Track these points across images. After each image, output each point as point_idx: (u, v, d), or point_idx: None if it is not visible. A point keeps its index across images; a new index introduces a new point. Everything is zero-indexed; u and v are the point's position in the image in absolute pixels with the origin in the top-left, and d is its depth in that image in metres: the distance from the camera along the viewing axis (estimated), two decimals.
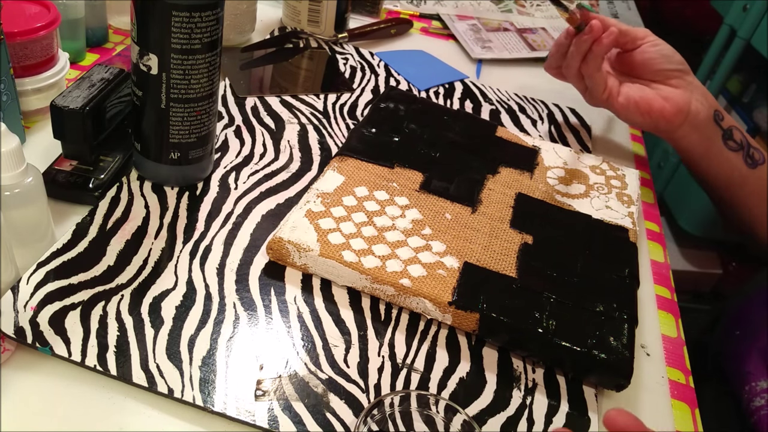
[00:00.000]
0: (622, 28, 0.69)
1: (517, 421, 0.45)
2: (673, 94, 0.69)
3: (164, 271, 0.49)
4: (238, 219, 0.56)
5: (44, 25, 0.59)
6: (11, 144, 0.42)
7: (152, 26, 0.49)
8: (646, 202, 0.73)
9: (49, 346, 0.42)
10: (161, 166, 0.56)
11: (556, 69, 0.74)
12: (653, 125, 0.70)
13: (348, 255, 0.51)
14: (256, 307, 0.48)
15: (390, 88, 0.76)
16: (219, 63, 0.53)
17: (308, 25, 0.89)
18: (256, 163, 0.63)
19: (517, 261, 0.54)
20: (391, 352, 0.48)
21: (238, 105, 0.71)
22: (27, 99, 0.61)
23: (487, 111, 0.80)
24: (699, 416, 0.50)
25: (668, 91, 0.69)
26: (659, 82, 0.70)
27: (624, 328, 0.50)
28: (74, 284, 0.47)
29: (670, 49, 0.70)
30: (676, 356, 0.54)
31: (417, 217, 0.56)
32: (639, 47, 0.70)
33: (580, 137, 0.79)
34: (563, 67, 0.73)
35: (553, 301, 0.51)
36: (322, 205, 0.55)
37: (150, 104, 0.52)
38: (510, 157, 0.67)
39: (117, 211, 0.54)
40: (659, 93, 0.69)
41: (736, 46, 1.37)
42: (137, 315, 0.46)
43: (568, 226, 0.60)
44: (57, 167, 0.55)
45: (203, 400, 0.41)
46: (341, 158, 0.61)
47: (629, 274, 0.56)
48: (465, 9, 1.05)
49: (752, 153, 0.69)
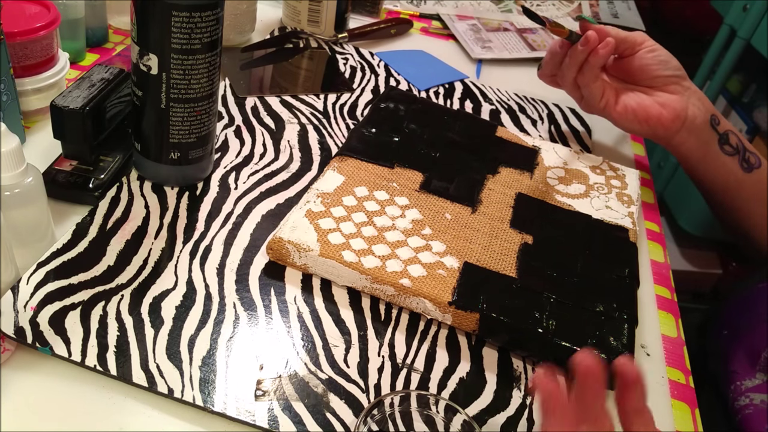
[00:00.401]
0: (620, 35, 0.68)
1: (517, 421, 0.45)
2: (670, 101, 0.69)
3: (164, 271, 0.49)
4: (238, 219, 0.56)
5: (44, 25, 0.59)
6: (11, 144, 0.42)
7: (152, 26, 0.49)
8: (646, 202, 0.73)
9: (49, 346, 0.42)
10: (161, 166, 0.56)
11: (550, 77, 0.74)
12: (651, 132, 0.70)
13: (348, 255, 0.51)
14: (256, 307, 0.48)
15: (390, 88, 0.76)
16: (219, 63, 0.53)
17: (308, 25, 0.89)
18: (256, 163, 0.63)
19: (517, 261, 0.54)
20: (391, 352, 0.48)
21: (238, 105, 0.71)
22: (27, 99, 0.61)
23: (487, 111, 0.80)
24: (699, 416, 0.50)
25: (665, 97, 0.69)
26: (656, 88, 0.70)
27: (624, 328, 0.50)
28: (74, 284, 0.47)
29: (667, 54, 0.70)
30: (676, 356, 0.54)
31: (417, 217, 0.56)
32: (636, 53, 0.69)
33: (580, 137, 0.79)
34: (558, 76, 0.73)
35: (553, 301, 0.51)
36: (322, 205, 0.55)
37: (150, 104, 0.52)
38: (510, 157, 0.67)
39: (117, 211, 0.54)
40: (656, 99, 0.69)
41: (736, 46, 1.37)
42: (137, 315, 0.46)
43: (568, 226, 0.60)
44: (57, 167, 0.55)
45: (203, 400, 0.41)
46: (341, 158, 0.61)
47: (629, 274, 0.56)
48: (465, 9, 1.05)
49: (748, 157, 0.70)
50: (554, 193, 0.64)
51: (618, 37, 0.68)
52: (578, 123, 0.82)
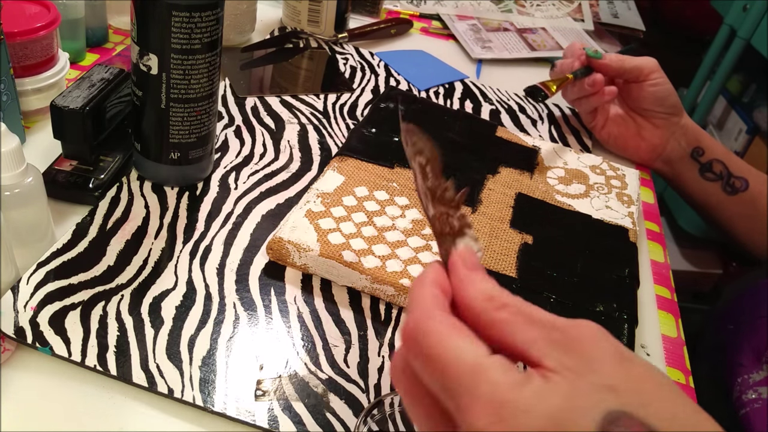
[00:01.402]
0: (630, 64, 0.73)
1: None
2: (650, 135, 0.75)
3: (164, 271, 0.49)
4: (238, 219, 0.56)
5: (44, 25, 0.59)
6: (11, 144, 0.42)
7: (152, 26, 0.49)
8: (646, 202, 0.73)
9: (49, 346, 0.42)
10: (161, 166, 0.56)
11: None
12: (629, 158, 0.78)
13: (348, 255, 0.51)
14: (256, 307, 0.48)
15: (390, 88, 0.76)
16: (219, 63, 0.53)
17: (308, 25, 0.89)
18: (256, 163, 0.63)
19: (517, 261, 0.54)
20: (391, 352, 0.48)
21: (238, 105, 0.71)
22: (27, 99, 0.61)
23: (487, 111, 0.80)
24: None
25: (648, 129, 0.75)
26: (645, 118, 0.76)
27: (624, 328, 0.50)
28: (74, 284, 0.47)
29: (667, 91, 0.74)
30: (676, 356, 0.54)
31: (417, 217, 0.56)
32: (640, 83, 0.74)
33: (580, 137, 0.79)
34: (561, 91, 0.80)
35: (553, 301, 0.51)
36: (322, 205, 0.55)
37: (150, 104, 0.52)
38: (510, 157, 0.67)
39: (117, 211, 0.54)
40: (639, 130, 0.76)
41: (736, 46, 1.37)
42: (137, 315, 0.46)
43: (568, 226, 0.60)
44: (57, 167, 0.55)
45: (203, 400, 0.41)
46: (341, 158, 0.61)
47: (629, 274, 0.56)
48: (465, 9, 1.05)
49: (732, 182, 0.73)
50: (554, 193, 0.64)
51: (627, 66, 0.73)
52: (578, 123, 0.82)
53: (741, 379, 0.63)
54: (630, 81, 0.74)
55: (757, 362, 0.63)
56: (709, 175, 0.73)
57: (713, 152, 0.74)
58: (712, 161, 0.73)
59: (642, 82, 0.73)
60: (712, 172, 0.73)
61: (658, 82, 0.73)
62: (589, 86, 0.72)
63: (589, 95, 0.74)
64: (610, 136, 0.77)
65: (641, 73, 0.73)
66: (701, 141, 0.74)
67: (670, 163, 0.76)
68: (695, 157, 0.74)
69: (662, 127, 0.75)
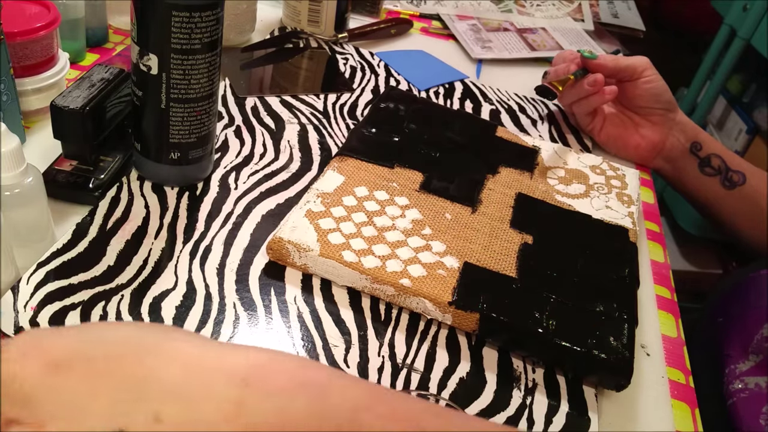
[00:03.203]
0: (623, 64, 0.74)
1: (517, 421, 0.45)
2: (649, 132, 0.76)
3: (164, 271, 0.49)
4: (238, 219, 0.56)
5: (44, 25, 0.59)
6: (11, 144, 0.42)
7: (152, 26, 0.49)
8: (646, 202, 0.73)
9: None
10: (161, 166, 0.56)
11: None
12: (629, 158, 0.78)
13: (348, 255, 0.51)
14: (256, 307, 0.48)
15: (390, 88, 0.76)
16: (219, 63, 0.53)
17: (308, 25, 0.89)
18: (256, 163, 0.63)
19: (517, 261, 0.54)
20: (391, 352, 0.48)
21: (238, 105, 0.71)
22: (27, 99, 0.61)
23: (487, 111, 0.80)
24: (699, 416, 0.50)
25: (647, 127, 0.76)
26: (642, 116, 0.76)
27: (624, 328, 0.50)
28: (74, 284, 0.47)
29: (661, 87, 0.74)
30: (676, 356, 0.54)
31: (417, 217, 0.56)
32: (634, 81, 0.74)
33: (580, 137, 0.79)
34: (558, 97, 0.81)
35: (553, 301, 0.51)
36: (322, 205, 0.55)
37: (150, 104, 0.52)
38: (510, 157, 0.67)
39: (117, 211, 0.54)
40: (638, 128, 0.76)
41: (736, 46, 1.37)
42: (137, 315, 0.46)
43: (568, 226, 0.60)
44: (57, 167, 0.55)
45: None
46: (341, 158, 0.61)
47: (629, 274, 0.56)
48: (465, 9, 1.05)
49: (731, 176, 0.74)
50: (554, 193, 0.64)
51: (623, 65, 0.74)
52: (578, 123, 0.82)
53: (728, 370, 0.64)
54: (624, 80, 0.75)
55: (744, 353, 0.64)
56: (708, 169, 0.74)
57: (710, 147, 0.75)
58: (710, 156, 0.74)
59: (636, 80, 0.74)
60: (710, 167, 0.74)
61: (651, 79, 0.74)
62: (590, 86, 0.72)
63: (588, 96, 0.74)
64: (609, 137, 0.77)
65: (635, 71, 0.74)
66: (698, 136, 0.75)
67: (671, 160, 0.76)
68: (694, 151, 0.74)
69: (660, 123, 0.75)
